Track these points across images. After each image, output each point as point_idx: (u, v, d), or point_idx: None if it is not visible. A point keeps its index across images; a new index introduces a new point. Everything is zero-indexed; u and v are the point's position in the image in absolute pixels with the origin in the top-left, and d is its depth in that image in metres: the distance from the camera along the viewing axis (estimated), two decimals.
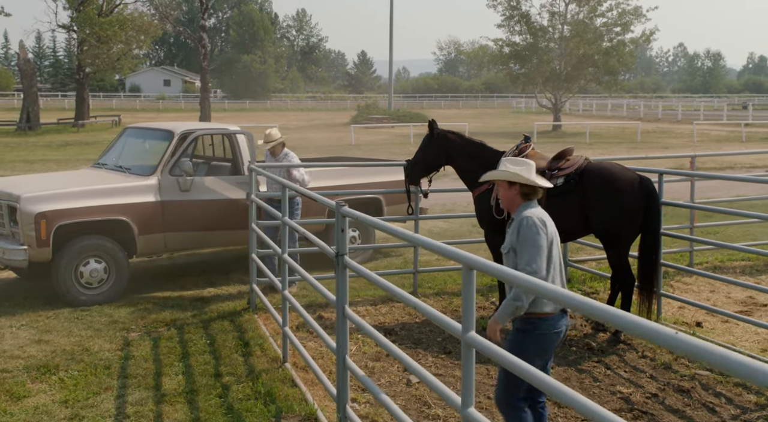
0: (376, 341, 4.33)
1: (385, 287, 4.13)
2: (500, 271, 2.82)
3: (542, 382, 2.61)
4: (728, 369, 1.85)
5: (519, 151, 7.82)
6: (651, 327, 2.08)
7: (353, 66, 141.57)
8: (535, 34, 40.24)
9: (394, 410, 4.05)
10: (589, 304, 2.34)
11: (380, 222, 4.23)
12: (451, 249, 3.18)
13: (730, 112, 59.43)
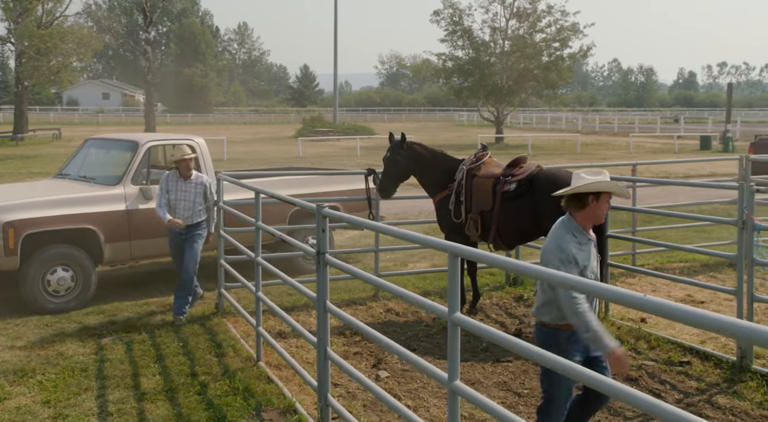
0: (357, 328, 4.69)
1: (368, 279, 4.50)
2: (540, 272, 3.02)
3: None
4: (689, 320, 2.26)
5: (477, 159, 8.29)
6: (626, 293, 2.50)
7: (296, 79, 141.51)
8: (477, 48, 41.21)
9: (378, 391, 4.41)
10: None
11: (367, 222, 4.60)
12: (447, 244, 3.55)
13: (663, 125, 61.64)
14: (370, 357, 7.31)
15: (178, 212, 8.30)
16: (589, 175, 4.32)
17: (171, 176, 8.43)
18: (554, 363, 2.96)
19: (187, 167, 8.36)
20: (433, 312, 3.69)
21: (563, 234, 4.26)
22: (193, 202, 8.36)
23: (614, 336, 7.69)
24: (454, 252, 3.44)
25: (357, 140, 36.81)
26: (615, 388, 2.64)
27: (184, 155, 8.30)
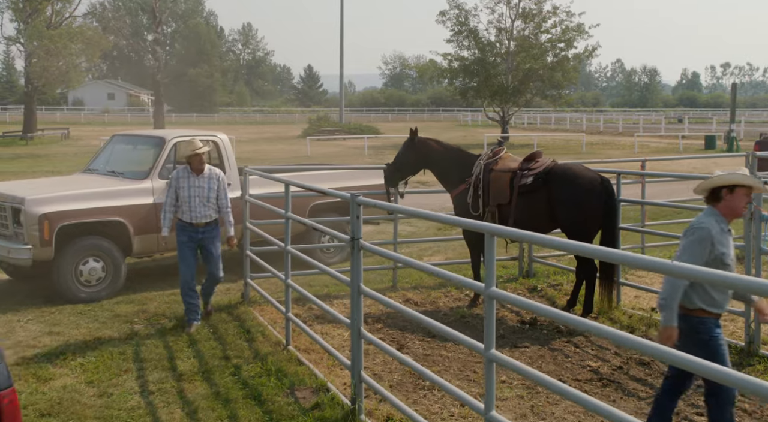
0: (392, 307, 5.01)
1: (401, 260, 4.82)
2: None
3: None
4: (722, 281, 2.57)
5: (494, 154, 8.63)
6: (649, 260, 2.82)
7: (300, 80, 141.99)
8: (483, 49, 41.51)
9: (411, 363, 4.74)
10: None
11: (400, 207, 4.92)
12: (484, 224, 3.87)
13: (667, 125, 61.85)
14: (392, 343, 7.62)
15: (193, 209, 7.89)
16: (724, 171, 4.54)
17: (182, 172, 8.01)
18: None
19: (199, 161, 7.96)
20: (472, 287, 4.01)
21: (706, 218, 4.52)
22: (208, 197, 7.95)
23: (626, 324, 8.07)
24: (491, 232, 3.77)
25: (365, 139, 37.16)
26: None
27: (196, 149, 7.89)
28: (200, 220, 7.95)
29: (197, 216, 7.94)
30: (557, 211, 8.09)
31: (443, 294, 9.49)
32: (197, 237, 8.01)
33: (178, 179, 7.98)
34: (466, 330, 8.01)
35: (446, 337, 4.36)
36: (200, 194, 7.92)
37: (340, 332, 7.88)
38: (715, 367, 2.79)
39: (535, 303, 3.64)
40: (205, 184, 7.97)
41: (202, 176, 7.99)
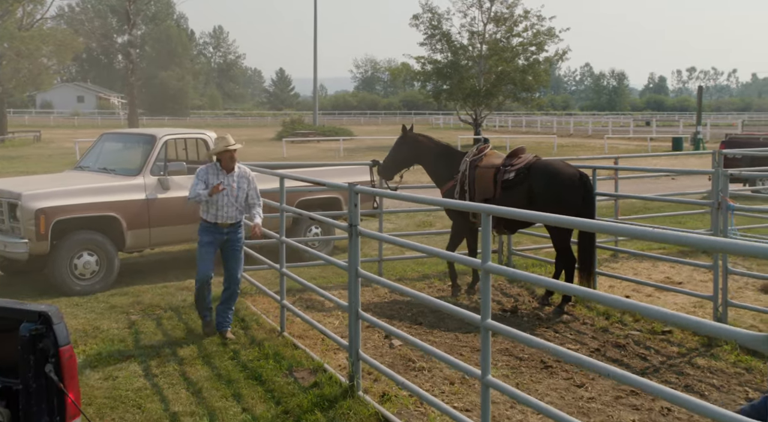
0: (389, 287, 5.37)
1: (398, 243, 5.19)
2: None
3: None
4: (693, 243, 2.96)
5: (479, 151, 9.04)
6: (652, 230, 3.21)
7: (271, 83, 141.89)
8: (456, 52, 42.08)
9: (413, 340, 5.10)
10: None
11: (394, 193, 5.28)
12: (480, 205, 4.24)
13: (636, 128, 63.01)
14: (381, 330, 7.97)
15: (221, 209, 7.37)
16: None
17: (211, 169, 7.45)
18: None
19: (231, 158, 7.40)
20: (469, 264, 4.38)
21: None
22: (237, 196, 7.42)
23: (602, 311, 8.51)
24: (487, 212, 4.15)
25: (340, 141, 37.51)
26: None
27: (228, 145, 7.35)
28: (226, 221, 7.43)
29: (224, 216, 7.41)
30: (538, 204, 8.50)
31: (426, 285, 9.87)
32: (221, 239, 7.51)
33: (207, 175, 7.40)
34: (451, 318, 8.40)
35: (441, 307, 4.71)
36: (230, 193, 7.39)
37: (331, 321, 8.22)
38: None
39: (527, 273, 4.02)
40: (235, 182, 7.44)
41: (232, 175, 7.44)
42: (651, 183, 20.70)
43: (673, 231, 3.12)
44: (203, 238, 7.52)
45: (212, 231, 7.47)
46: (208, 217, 7.47)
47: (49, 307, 3.00)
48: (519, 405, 5.95)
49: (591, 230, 5.23)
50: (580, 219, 3.62)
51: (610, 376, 3.45)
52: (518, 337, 4.08)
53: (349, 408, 5.63)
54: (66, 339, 2.97)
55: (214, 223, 7.44)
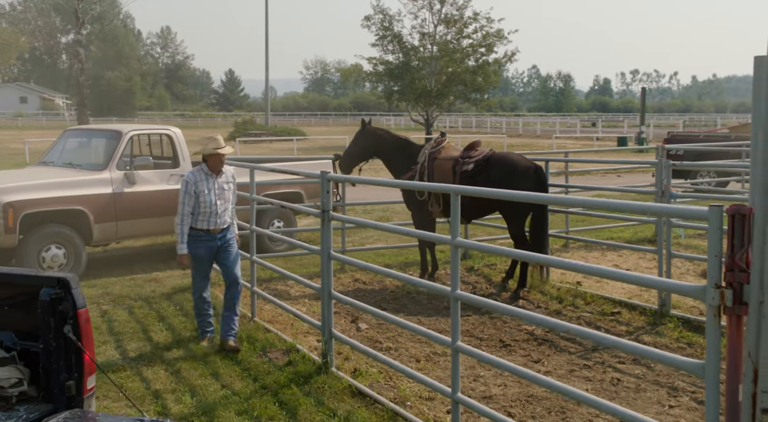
0: (364, 267, 5.73)
1: (372, 225, 5.55)
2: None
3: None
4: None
5: (437, 144, 9.46)
6: None
7: (221, 84, 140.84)
8: (407, 53, 42.58)
9: (383, 314, 5.47)
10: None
11: (364, 178, 5.65)
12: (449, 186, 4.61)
13: (582, 128, 64.47)
14: (347, 316, 8.33)
15: (214, 215, 6.88)
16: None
17: (197, 174, 6.90)
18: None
19: (220, 161, 6.91)
20: (442, 241, 4.77)
21: None
22: (227, 199, 7.03)
23: (555, 296, 9.00)
24: (455, 192, 4.54)
25: (293, 141, 37.70)
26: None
27: (218, 148, 6.85)
28: (219, 226, 6.95)
29: (216, 222, 6.93)
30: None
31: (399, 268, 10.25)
32: (215, 246, 7.00)
33: (196, 184, 6.83)
34: (413, 304, 8.81)
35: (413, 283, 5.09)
36: (222, 197, 6.96)
37: (298, 307, 8.53)
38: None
39: (494, 246, 4.42)
40: (225, 185, 7.02)
41: (220, 176, 7.00)
42: (598, 181, 21.49)
43: (620, 201, 3.55)
44: (197, 251, 6.93)
45: (205, 241, 6.92)
46: (198, 225, 6.88)
47: (66, 274, 3.29)
48: (481, 378, 6.38)
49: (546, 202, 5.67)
50: (537, 193, 4.03)
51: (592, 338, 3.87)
52: (486, 304, 4.48)
53: (323, 382, 5.98)
54: (83, 302, 3.26)
55: (206, 231, 6.90)
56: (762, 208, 2.85)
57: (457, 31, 42.38)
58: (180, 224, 6.83)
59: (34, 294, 3.28)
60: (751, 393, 2.90)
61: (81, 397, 3.25)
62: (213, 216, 6.88)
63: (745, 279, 2.92)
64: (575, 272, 9.36)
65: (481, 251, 4.59)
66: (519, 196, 4.27)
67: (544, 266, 9.53)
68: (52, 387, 3.26)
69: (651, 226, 12.63)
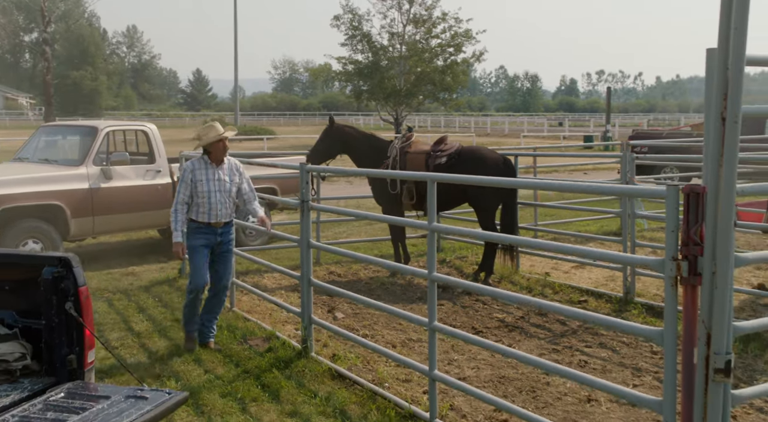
0: (340, 254, 5.96)
1: (350, 213, 5.78)
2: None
3: None
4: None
5: (406, 139, 9.71)
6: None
7: (188, 84, 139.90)
8: (377, 52, 42.83)
9: (361, 298, 5.70)
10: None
11: (342, 169, 5.87)
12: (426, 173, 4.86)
13: (549, 127, 65.33)
14: (324, 306, 8.55)
15: (214, 207, 6.60)
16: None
17: (197, 164, 6.64)
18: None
19: (224, 149, 6.67)
20: (420, 227, 5.01)
21: None
22: (230, 191, 6.71)
23: (525, 286, 9.30)
24: (432, 179, 4.80)
25: (264, 140, 37.74)
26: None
27: (220, 134, 6.59)
28: (220, 220, 6.66)
29: (218, 214, 6.64)
30: (467, 186, 9.23)
31: (362, 267, 10.48)
32: (214, 241, 6.70)
33: (193, 172, 6.60)
34: (387, 295, 9.05)
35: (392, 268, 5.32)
36: (222, 188, 6.64)
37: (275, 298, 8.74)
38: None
39: (469, 229, 4.68)
40: (226, 176, 6.70)
41: (222, 168, 6.70)
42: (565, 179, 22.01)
43: (586, 183, 3.82)
44: (195, 241, 6.64)
45: (205, 233, 6.64)
46: (199, 217, 6.63)
47: (67, 254, 3.48)
48: (455, 362, 6.64)
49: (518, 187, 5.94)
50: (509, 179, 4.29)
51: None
52: (462, 285, 4.74)
53: (303, 366, 6.20)
54: (83, 280, 3.45)
55: (207, 224, 6.62)
56: (714, 187, 3.13)
57: (425, 31, 42.70)
58: (174, 212, 6.57)
59: (35, 275, 3.46)
60: (705, 356, 3.19)
61: (82, 370, 3.44)
62: (213, 208, 6.57)
63: (699, 252, 3.20)
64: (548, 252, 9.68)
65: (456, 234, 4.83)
66: (494, 182, 4.53)
67: (514, 257, 9.83)
68: (55, 361, 3.44)
69: (616, 220, 13.02)
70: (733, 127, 3.06)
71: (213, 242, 6.70)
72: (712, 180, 3.14)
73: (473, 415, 5.40)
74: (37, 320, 3.51)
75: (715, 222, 3.15)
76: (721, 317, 3.14)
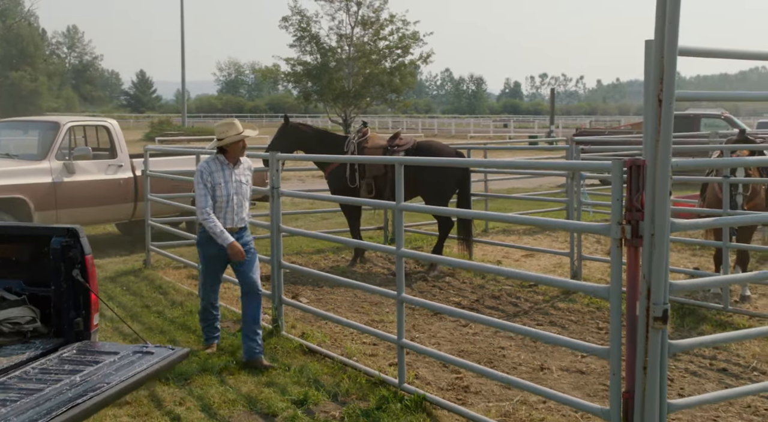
0: (308, 236, 6.33)
1: (314, 197, 6.16)
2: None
3: None
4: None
5: (362, 134, 10.12)
6: None
7: (132, 85, 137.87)
8: (325, 54, 43.18)
9: (330, 276, 6.09)
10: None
11: (308, 156, 6.25)
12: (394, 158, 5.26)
13: (495, 129, 66.56)
14: (288, 293, 8.88)
15: (231, 211, 6.09)
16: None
17: (214, 165, 6.11)
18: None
19: (243, 148, 6.22)
20: (384, 207, 5.41)
21: None
22: (246, 193, 6.25)
23: (478, 273, 9.78)
24: (400, 162, 5.22)
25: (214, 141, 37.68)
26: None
27: (240, 133, 6.12)
28: (237, 224, 6.16)
29: (234, 219, 6.14)
30: (423, 178, 9.68)
31: (322, 257, 10.85)
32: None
33: (211, 174, 6.04)
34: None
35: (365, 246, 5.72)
36: (239, 191, 6.16)
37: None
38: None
39: (435, 207, 5.11)
40: (242, 177, 6.24)
41: (238, 167, 6.22)
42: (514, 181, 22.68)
43: (535, 160, 4.29)
44: (209, 250, 6.13)
45: (212, 241, 6.06)
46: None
47: (74, 225, 3.80)
48: (417, 339, 7.07)
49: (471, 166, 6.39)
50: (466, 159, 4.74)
51: None
52: (429, 258, 5.17)
53: (275, 343, 6.56)
54: (89, 249, 3.77)
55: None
56: (652, 160, 3.62)
57: (373, 33, 43.20)
58: (209, 216, 5.92)
59: (42, 246, 3.77)
60: (645, 307, 3.67)
61: (88, 331, 3.76)
62: (230, 212, 6.07)
63: (641, 217, 3.69)
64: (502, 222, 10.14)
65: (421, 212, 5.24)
66: (451, 162, 4.97)
67: (469, 245, 10.32)
68: (63, 324, 3.75)
69: (563, 214, 13.66)
70: (668, 108, 3.55)
71: (225, 251, 6.06)
72: (650, 154, 3.62)
73: (437, 382, 5.84)
74: (44, 287, 3.82)
75: (653, 191, 3.63)
76: (659, 272, 3.63)
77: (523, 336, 7.23)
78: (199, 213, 6.00)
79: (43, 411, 2.76)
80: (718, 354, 6.53)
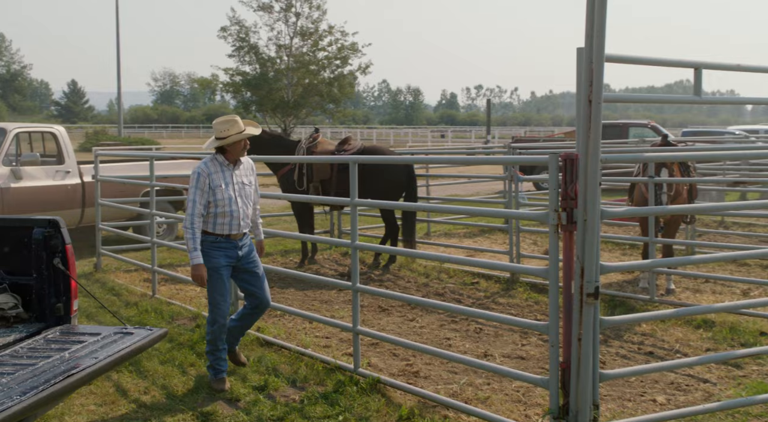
0: (272, 235, 6.63)
1: (279, 196, 6.48)
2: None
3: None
4: None
5: (312, 139, 10.46)
6: None
7: (63, 95, 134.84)
8: (264, 64, 43.32)
9: (287, 271, 6.41)
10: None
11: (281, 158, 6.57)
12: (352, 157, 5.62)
13: (433, 139, 67.61)
14: None
15: (234, 215, 5.59)
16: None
17: (212, 166, 5.59)
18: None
19: (245, 147, 5.72)
20: (343, 203, 5.78)
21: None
22: (250, 195, 5.79)
23: (422, 272, 10.21)
24: (353, 161, 5.59)
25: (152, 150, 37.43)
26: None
27: (243, 131, 5.66)
28: (242, 230, 5.68)
29: (240, 224, 5.65)
30: (372, 181, 10.06)
31: (271, 260, 11.09)
32: (236, 255, 5.67)
33: (210, 175, 5.53)
34: (297, 282, 9.74)
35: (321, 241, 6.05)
36: (242, 193, 5.70)
37: (192, 287, 9.26)
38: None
39: (389, 202, 5.48)
40: (245, 178, 5.77)
41: (239, 168, 5.75)
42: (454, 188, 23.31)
43: (476, 156, 4.72)
44: (215, 260, 5.56)
45: (225, 248, 5.60)
46: (217, 229, 5.58)
47: (55, 216, 4.05)
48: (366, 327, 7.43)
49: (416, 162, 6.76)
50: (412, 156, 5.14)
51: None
52: (383, 250, 5.55)
53: None
54: (69, 239, 4.03)
55: (227, 236, 5.60)
56: (584, 154, 4.08)
57: (312, 44, 43.54)
58: (191, 227, 5.40)
59: (23, 237, 4.01)
60: (580, 285, 4.12)
61: (69, 316, 4.01)
62: (234, 217, 5.58)
63: (575, 204, 4.14)
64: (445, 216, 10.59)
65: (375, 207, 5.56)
66: (401, 159, 5.36)
67: (413, 247, 10.74)
68: (44, 309, 3.99)
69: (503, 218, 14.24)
70: (597, 107, 4.02)
71: (234, 257, 5.66)
72: (582, 148, 4.08)
73: (388, 369, 6.22)
74: (25, 276, 4.05)
75: (585, 181, 4.09)
76: (591, 254, 4.08)
77: (467, 327, 7.70)
78: (185, 220, 5.46)
79: (41, 380, 3.01)
80: (645, 340, 7.08)
